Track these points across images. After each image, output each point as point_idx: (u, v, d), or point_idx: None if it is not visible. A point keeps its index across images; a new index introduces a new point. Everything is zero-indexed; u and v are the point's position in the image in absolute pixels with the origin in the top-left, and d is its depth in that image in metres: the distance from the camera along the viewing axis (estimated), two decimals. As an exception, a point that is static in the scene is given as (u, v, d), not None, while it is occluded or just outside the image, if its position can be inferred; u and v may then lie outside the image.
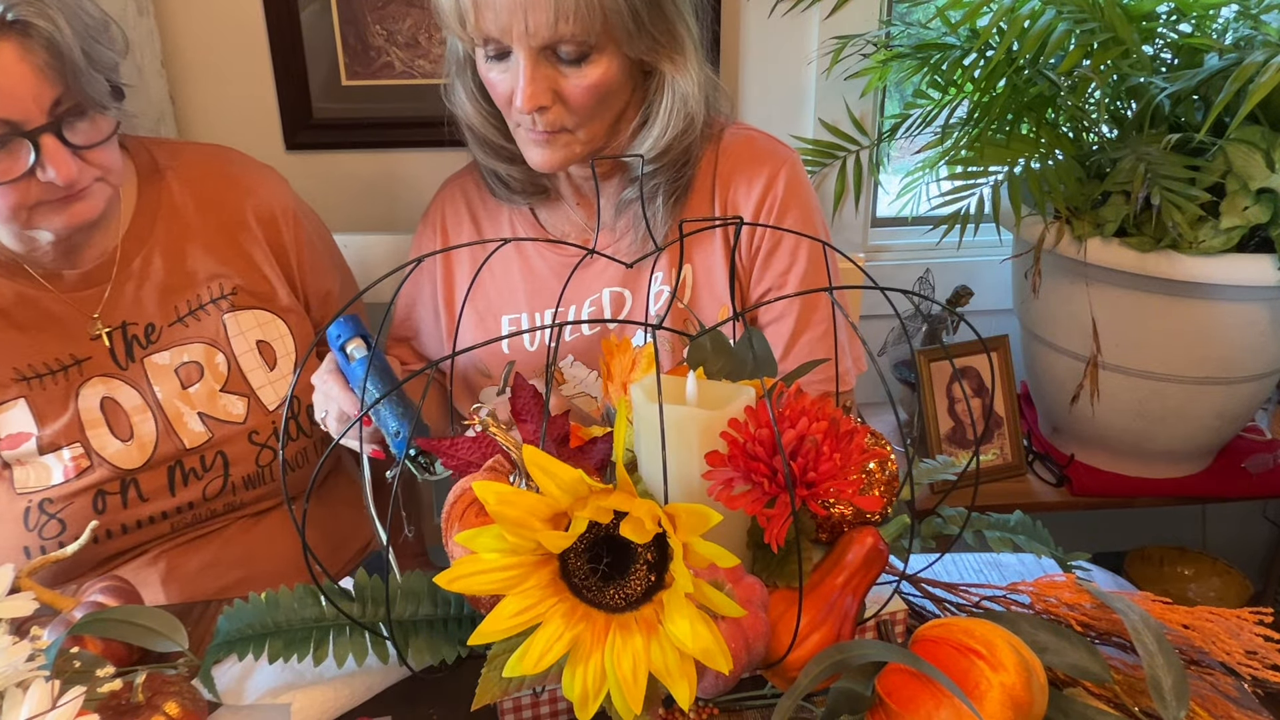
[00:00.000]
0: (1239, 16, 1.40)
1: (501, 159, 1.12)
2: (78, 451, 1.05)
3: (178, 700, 0.70)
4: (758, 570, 0.72)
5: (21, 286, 1.05)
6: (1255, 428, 1.73)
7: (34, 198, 0.95)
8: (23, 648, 0.67)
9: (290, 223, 1.19)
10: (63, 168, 0.93)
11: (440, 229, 1.23)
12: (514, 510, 0.57)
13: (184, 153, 1.16)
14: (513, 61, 0.96)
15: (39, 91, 0.90)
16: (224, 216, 1.15)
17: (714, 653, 0.58)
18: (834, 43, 1.57)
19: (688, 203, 1.07)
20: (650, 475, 0.68)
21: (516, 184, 1.14)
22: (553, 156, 1.02)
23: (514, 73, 0.95)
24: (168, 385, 1.10)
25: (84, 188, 0.97)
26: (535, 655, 0.59)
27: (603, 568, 0.61)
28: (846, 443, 0.62)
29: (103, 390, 1.08)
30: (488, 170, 1.15)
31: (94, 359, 1.08)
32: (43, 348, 1.06)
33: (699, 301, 1.10)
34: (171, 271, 1.11)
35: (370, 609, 0.75)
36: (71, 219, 0.98)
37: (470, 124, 1.10)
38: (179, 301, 1.12)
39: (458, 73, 1.08)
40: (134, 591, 0.86)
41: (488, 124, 1.09)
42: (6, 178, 0.92)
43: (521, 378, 0.76)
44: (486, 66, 0.99)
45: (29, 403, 1.05)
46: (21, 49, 0.88)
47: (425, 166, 1.65)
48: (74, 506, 1.05)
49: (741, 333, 0.80)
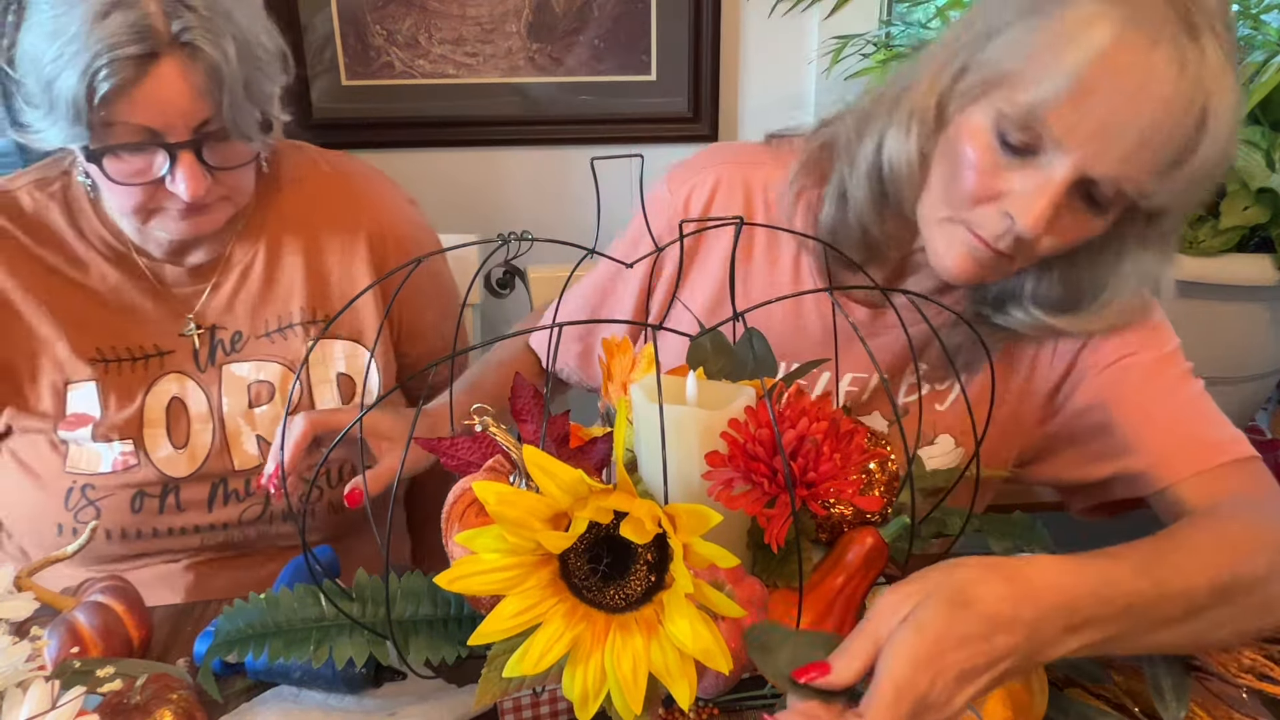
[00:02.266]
0: (1239, 16, 1.40)
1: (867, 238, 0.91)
2: (129, 448, 1.05)
3: (173, 709, 0.70)
4: (758, 570, 0.72)
5: (124, 276, 1.06)
6: (1255, 428, 1.73)
7: (157, 202, 0.96)
8: (23, 648, 0.67)
9: (400, 250, 1.14)
10: (193, 184, 0.93)
11: (697, 211, 1.01)
12: (514, 510, 0.57)
13: (311, 163, 1.14)
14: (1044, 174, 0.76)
15: (190, 110, 0.90)
16: (335, 236, 1.12)
17: (714, 653, 0.58)
18: (834, 43, 1.57)
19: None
20: (650, 475, 0.68)
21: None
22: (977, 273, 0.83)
23: (1041, 189, 0.76)
24: (236, 399, 1.09)
25: (208, 204, 0.97)
26: (535, 655, 0.59)
27: (603, 568, 0.61)
28: (846, 443, 0.62)
29: (175, 389, 1.07)
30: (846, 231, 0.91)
31: (176, 354, 1.08)
32: (129, 334, 1.06)
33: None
34: (269, 283, 1.10)
35: (370, 609, 0.75)
36: (190, 229, 0.98)
37: (859, 196, 0.88)
38: (269, 315, 1.10)
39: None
40: (134, 591, 0.87)
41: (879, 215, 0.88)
42: (136, 179, 0.93)
43: (521, 378, 0.76)
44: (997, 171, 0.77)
45: (99, 387, 1.05)
46: (184, 68, 0.88)
47: (425, 166, 1.66)
48: (114, 499, 1.05)
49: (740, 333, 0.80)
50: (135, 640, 0.83)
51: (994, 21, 0.77)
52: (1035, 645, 0.62)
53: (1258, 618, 0.75)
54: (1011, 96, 0.75)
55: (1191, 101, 0.71)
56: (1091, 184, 0.76)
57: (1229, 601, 0.71)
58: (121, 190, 0.94)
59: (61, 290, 1.04)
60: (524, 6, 1.59)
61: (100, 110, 0.87)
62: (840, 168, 0.89)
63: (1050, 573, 0.64)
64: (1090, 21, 0.71)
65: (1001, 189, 0.77)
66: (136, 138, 0.90)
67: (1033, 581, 0.63)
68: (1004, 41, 0.76)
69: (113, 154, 0.91)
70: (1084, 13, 0.72)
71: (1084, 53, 0.71)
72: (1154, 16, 0.71)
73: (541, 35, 1.61)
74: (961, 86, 0.79)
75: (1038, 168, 0.76)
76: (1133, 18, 0.71)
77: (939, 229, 0.83)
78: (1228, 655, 0.81)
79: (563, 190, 1.73)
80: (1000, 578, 0.62)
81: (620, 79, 1.65)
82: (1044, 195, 0.75)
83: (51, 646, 0.79)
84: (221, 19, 0.90)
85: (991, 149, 0.77)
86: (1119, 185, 0.75)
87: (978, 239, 0.80)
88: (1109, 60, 0.71)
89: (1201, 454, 0.86)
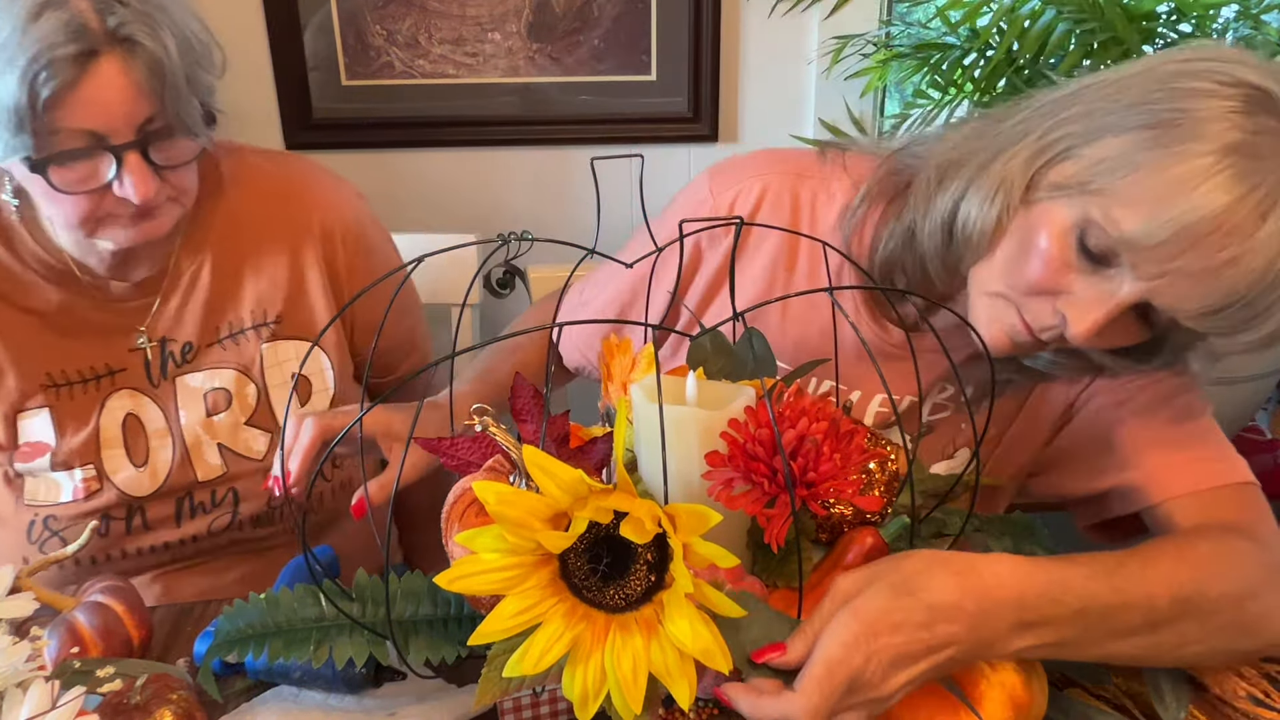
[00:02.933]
0: (1239, 16, 1.40)
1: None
2: (90, 473, 1.03)
3: (173, 709, 0.70)
4: (758, 570, 0.72)
5: (67, 294, 1.02)
6: (1255, 428, 1.73)
7: (105, 210, 0.93)
8: (23, 648, 0.67)
9: (350, 244, 1.12)
10: (141, 186, 0.90)
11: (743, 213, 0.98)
12: (514, 510, 0.57)
13: (251, 164, 1.11)
14: (1109, 288, 0.74)
15: (133, 109, 0.88)
16: (281, 235, 1.09)
17: (714, 652, 0.58)
18: (834, 43, 1.57)
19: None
20: (650, 475, 0.68)
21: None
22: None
23: (1101, 302, 0.74)
24: (193, 410, 1.07)
25: (156, 206, 0.94)
26: (535, 655, 0.59)
27: (603, 568, 0.61)
28: (846, 443, 0.62)
29: (129, 405, 1.05)
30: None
31: (127, 371, 1.05)
32: (78, 355, 1.03)
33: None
34: (217, 290, 1.07)
35: (370, 609, 0.75)
36: (138, 236, 0.95)
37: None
38: (220, 322, 1.08)
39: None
40: (134, 591, 0.87)
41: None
42: (83, 187, 0.90)
43: (521, 377, 0.76)
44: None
45: (53, 413, 1.02)
46: (124, 64, 0.86)
47: (425, 166, 1.66)
48: (78, 527, 1.03)
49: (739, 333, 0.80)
50: (135, 640, 0.83)
51: (1112, 119, 0.73)
52: (981, 637, 0.64)
53: (1232, 638, 0.75)
54: (1106, 211, 0.72)
55: (1278, 280, 0.69)
56: (1151, 306, 0.74)
57: (1192, 617, 0.72)
58: (68, 201, 0.90)
59: (5, 316, 1.00)
60: (524, 6, 1.59)
61: (43, 116, 0.85)
62: (913, 207, 0.87)
63: (1003, 569, 0.66)
64: (1209, 175, 0.68)
65: (1063, 287, 0.76)
66: (80, 143, 0.87)
67: (983, 575, 0.65)
68: (1116, 148, 0.72)
69: (57, 163, 0.88)
70: (1205, 163, 0.68)
71: (1193, 212, 0.68)
72: (1273, 181, 0.67)
73: (541, 35, 1.61)
74: (1057, 176, 0.76)
75: (1105, 279, 0.74)
76: (1252, 179, 0.67)
77: (988, 300, 0.81)
78: (1227, 679, 0.81)
79: (563, 190, 1.73)
80: (949, 570, 0.65)
81: (620, 79, 1.65)
82: (1102, 309, 0.74)
83: (51, 646, 0.79)
84: (156, 11, 0.88)
85: (1067, 248, 0.75)
86: (1179, 318, 0.73)
87: (1023, 325, 0.79)
88: (1216, 223, 0.67)
89: (1198, 474, 0.87)
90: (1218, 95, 0.70)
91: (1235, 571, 0.75)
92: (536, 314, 1.19)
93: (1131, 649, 0.71)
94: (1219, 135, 0.68)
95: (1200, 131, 0.68)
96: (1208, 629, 0.73)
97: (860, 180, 0.94)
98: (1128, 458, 0.90)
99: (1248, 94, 0.69)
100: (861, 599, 0.63)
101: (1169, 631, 0.71)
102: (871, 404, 0.97)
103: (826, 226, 0.96)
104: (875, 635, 0.61)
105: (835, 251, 0.87)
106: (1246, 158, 0.67)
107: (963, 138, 0.86)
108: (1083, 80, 0.80)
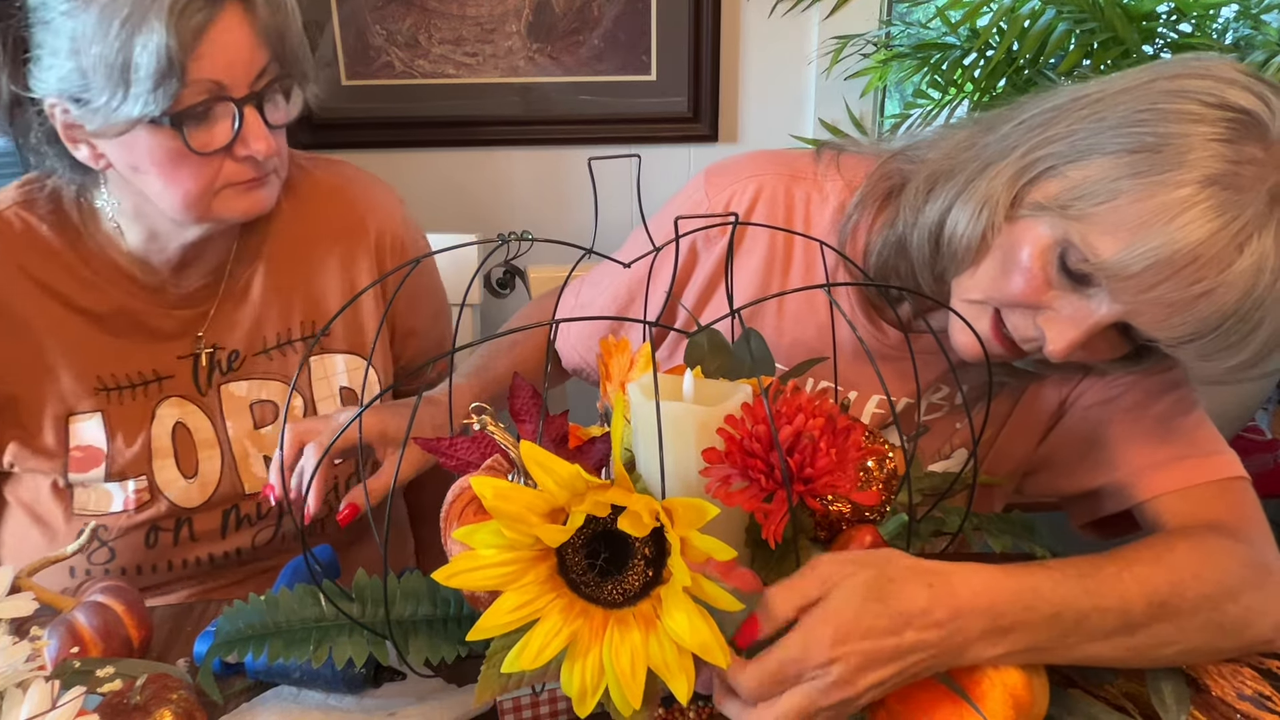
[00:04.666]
0: (1239, 16, 1.40)
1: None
2: (142, 484, 1.03)
3: (173, 709, 0.70)
4: (757, 568, 0.72)
5: (124, 297, 1.02)
6: (1255, 428, 1.73)
7: (224, 178, 0.92)
8: (23, 648, 0.67)
9: (395, 252, 1.12)
10: (264, 141, 0.90)
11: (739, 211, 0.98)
12: (511, 505, 0.57)
13: (302, 168, 1.10)
14: (1088, 307, 0.76)
15: (252, 58, 0.88)
16: (335, 245, 1.09)
17: (711, 647, 0.58)
18: (834, 43, 1.57)
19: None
20: (649, 473, 0.68)
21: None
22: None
23: (1079, 321, 0.76)
24: (240, 421, 1.06)
25: (268, 174, 0.94)
26: (534, 650, 0.59)
27: (600, 563, 0.61)
28: (843, 439, 0.62)
29: (178, 414, 1.04)
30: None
31: (175, 378, 1.04)
32: (128, 359, 1.02)
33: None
34: (267, 299, 1.06)
35: (370, 609, 0.75)
36: (251, 206, 0.95)
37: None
38: (269, 332, 1.07)
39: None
40: (134, 591, 0.86)
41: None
42: (212, 146, 0.90)
43: (519, 378, 0.76)
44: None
45: (104, 418, 1.01)
46: (245, 12, 0.87)
47: (425, 166, 1.66)
48: (127, 539, 1.03)
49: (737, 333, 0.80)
50: (135, 640, 0.83)
51: (1096, 140, 0.73)
52: (952, 644, 0.65)
53: (1211, 639, 0.75)
54: (1085, 236, 0.72)
55: (1253, 310, 0.69)
56: (1130, 325, 0.75)
57: (1169, 619, 0.72)
58: (194, 166, 0.90)
59: (61, 316, 1.00)
60: (524, 6, 1.59)
61: (184, 63, 0.84)
62: (903, 216, 0.87)
63: (975, 578, 0.67)
64: (1188, 207, 0.68)
65: (1043, 303, 0.76)
66: (204, 94, 0.87)
67: (954, 585, 0.66)
68: (1098, 171, 0.72)
69: (191, 117, 0.88)
70: (1184, 194, 0.68)
71: (1171, 244, 0.68)
72: (1251, 213, 0.67)
73: (541, 35, 1.61)
74: (1040, 194, 0.76)
75: (1085, 298, 0.75)
76: (1231, 212, 0.67)
77: (965, 308, 0.82)
78: (1225, 680, 0.81)
79: (563, 190, 1.73)
80: (921, 580, 0.66)
81: (620, 79, 1.65)
82: (1081, 327, 0.75)
83: (51, 646, 0.79)
84: None
85: (1048, 265, 0.75)
86: (1156, 342, 0.74)
87: (995, 334, 0.80)
88: (1192, 256, 0.68)
89: (1185, 471, 0.87)
90: (1204, 120, 0.69)
91: (1214, 573, 0.74)
92: (533, 313, 1.19)
93: (1109, 651, 0.71)
94: (1201, 164, 0.68)
95: (1182, 160, 0.68)
96: (1185, 630, 0.73)
97: (853, 181, 0.95)
98: (1116, 455, 0.90)
99: (1234, 119, 0.69)
100: (834, 601, 0.63)
101: (1145, 634, 0.72)
102: (868, 405, 0.97)
103: (820, 227, 0.96)
104: (844, 638, 0.62)
105: (832, 251, 0.88)
106: (1227, 189, 0.67)
107: (953, 147, 0.86)
108: (1074, 91, 0.79)
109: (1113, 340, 0.78)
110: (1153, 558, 0.74)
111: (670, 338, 1.04)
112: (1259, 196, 0.68)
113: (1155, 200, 0.69)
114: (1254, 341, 0.71)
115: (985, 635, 0.66)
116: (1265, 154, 0.68)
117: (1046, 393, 0.96)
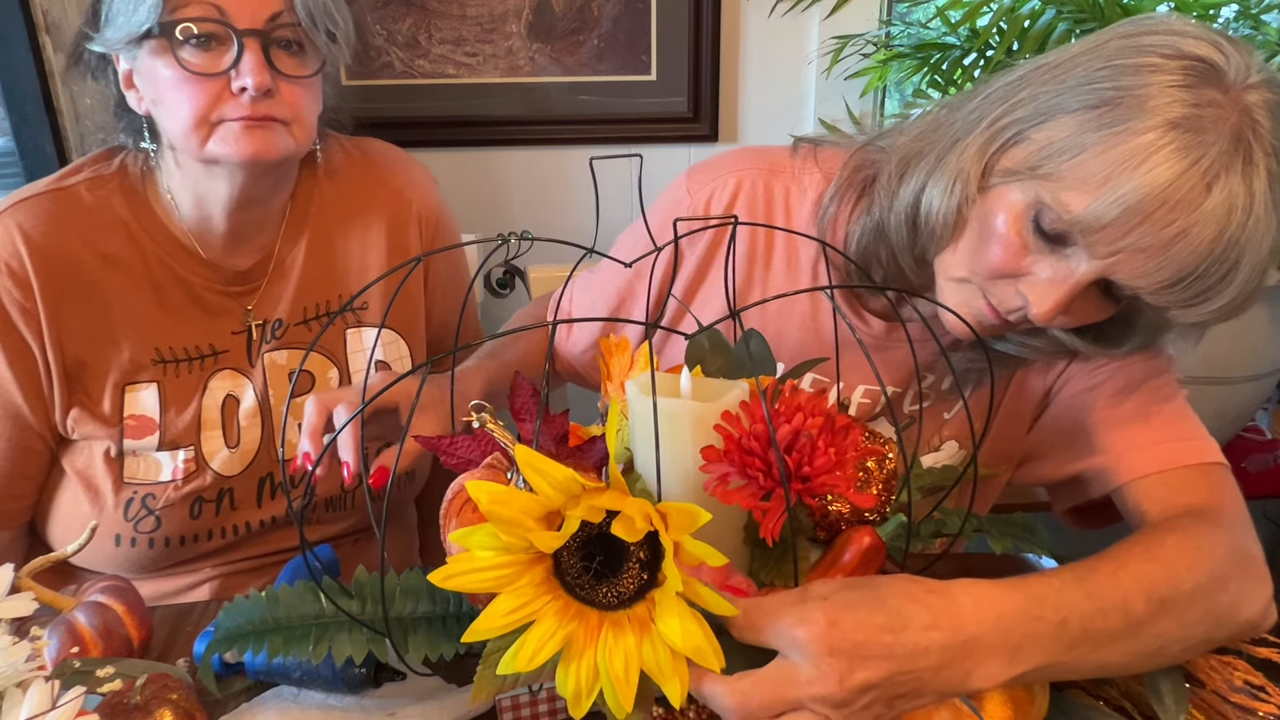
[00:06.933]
0: (1239, 16, 1.40)
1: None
2: (190, 454, 1.06)
3: (173, 709, 0.70)
4: (755, 568, 0.72)
5: (183, 270, 1.06)
6: (1255, 428, 1.73)
7: (220, 111, 0.95)
8: (23, 648, 0.67)
9: (429, 230, 1.17)
10: (257, 74, 0.92)
11: (717, 214, 1.00)
12: (507, 509, 0.58)
13: (342, 147, 1.14)
14: (1067, 267, 0.76)
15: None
16: (376, 222, 1.13)
17: (705, 651, 0.58)
18: (834, 43, 1.57)
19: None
20: (647, 472, 0.68)
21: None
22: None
23: (1061, 282, 0.76)
24: (280, 390, 1.10)
25: (268, 115, 0.96)
26: (529, 653, 0.59)
27: (595, 566, 0.61)
28: (841, 438, 0.62)
29: (229, 386, 1.08)
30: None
31: (230, 353, 1.08)
32: (185, 334, 1.06)
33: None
34: (309, 272, 1.11)
35: (370, 606, 0.75)
36: (249, 149, 0.96)
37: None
38: (309, 304, 1.11)
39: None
40: (134, 591, 0.87)
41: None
42: (205, 69, 0.93)
43: (521, 377, 0.76)
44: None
45: (160, 389, 1.05)
46: None
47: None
48: (173, 507, 1.06)
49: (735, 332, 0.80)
50: (135, 640, 0.83)
51: (1058, 101, 0.74)
52: (958, 666, 0.62)
53: (1208, 630, 0.74)
54: (1055, 194, 0.73)
55: (1228, 250, 0.70)
56: (1112, 282, 0.75)
57: (1169, 615, 0.71)
58: (188, 87, 0.93)
59: (125, 286, 1.03)
60: (524, 6, 1.60)
61: None
62: (879, 202, 0.88)
63: (977, 589, 0.65)
64: (1153, 152, 0.69)
65: (1023, 269, 0.77)
66: (204, 14, 0.91)
67: (956, 597, 0.64)
68: (1062, 130, 0.73)
69: (185, 36, 0.91)
70: (1148, 140, 0.69)
71: (1139, 189, 0.69)
72: (1215, 152, 0.68)
73: (541, 35, 1.62)
74: (1008, 161, 0.77)
75: (1063, 258, 0.75)
76: (1195, 153, 0.68)
77: (954, 286, 0.83)
78: (1217, 672, 0.81)
79: (563, 190, 1.73)
80: (921, 587, 0.64)
81: (620, 79, 1.65)
82: (1062, 288, 0.75)
83: (51, 646, 0.79)
84: None
85: (1023, 230, 0.76)
86: (1139, 294, 0.75)
87: (989, 308, 0.80)
88: (1162, 199, 0.68)
89: (1165, 454, 0.87)
90: (1161, 70, 0.70)
91: (1205, 563, 0.74)
92: (530, 314, 1.21)
93: (1117, 659, 0.70)
94: (1162, 110, 0.69)
95: (1143, 108, 0.69)
96: (1185, 624, 0.72)
97: (831, 174, 0.96)
98: (1097, 440, 0.91)
99: (1190, 66, 0.70)
100: (842, 627, 0.60)
101: (1149, 634, 0.71)
102: (854, 395, 0.98)
103: (800, 220, 0.97)
104: (835, 624, 0.60)
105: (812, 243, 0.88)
106: (1189, 131, 0.68)
107: (922, 129, 0.87)
108: (1035, 61, 0.80)
109: (1096, 301, 0.78)
110: (1145, 554, 0.74)
111: (660, 337, 1.05)
112: (1221, 136, 0.69)
113: (1120, 149, 0.70)
114: (1234, 281, 0.71)
115: (994, 654, 0.64)
116: (1224, 96, 0.69)
117: (1032, 382, 0.96)
